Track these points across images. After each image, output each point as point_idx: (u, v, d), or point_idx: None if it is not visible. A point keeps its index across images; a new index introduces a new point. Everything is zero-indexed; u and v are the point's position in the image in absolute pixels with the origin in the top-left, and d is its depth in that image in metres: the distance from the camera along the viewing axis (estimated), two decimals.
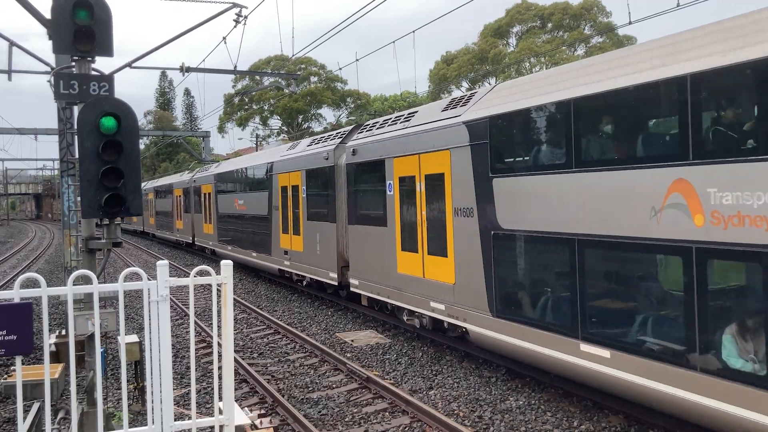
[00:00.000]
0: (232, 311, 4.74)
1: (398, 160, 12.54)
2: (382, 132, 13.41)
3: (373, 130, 13.98)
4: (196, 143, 64.13)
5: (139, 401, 9.47)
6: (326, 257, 16.30)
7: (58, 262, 30.87)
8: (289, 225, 18.79)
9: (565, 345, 8.28)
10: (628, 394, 7.59)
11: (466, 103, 10.81)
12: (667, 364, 6.89)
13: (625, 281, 7.63)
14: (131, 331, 14.09)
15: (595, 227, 7.78)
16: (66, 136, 11.03)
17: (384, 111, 49.72)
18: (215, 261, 26.87)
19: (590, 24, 47.24)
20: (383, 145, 13.13)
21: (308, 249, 17.42)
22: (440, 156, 10.97)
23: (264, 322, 15.89)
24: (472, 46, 50.60)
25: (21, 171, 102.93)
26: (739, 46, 6.22)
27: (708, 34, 6.74)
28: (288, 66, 53.10)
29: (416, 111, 12.72)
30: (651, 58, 7.22)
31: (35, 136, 43.84)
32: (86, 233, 7.21)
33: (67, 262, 11.90)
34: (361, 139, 14.40)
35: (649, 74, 7.08)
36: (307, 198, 17.44)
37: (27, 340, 4.04)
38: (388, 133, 13.07)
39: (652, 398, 7.16)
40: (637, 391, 7.31)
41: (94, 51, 6.69)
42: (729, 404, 6.21)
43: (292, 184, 18.56)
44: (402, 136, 12.46)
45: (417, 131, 11.85)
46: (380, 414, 9.11)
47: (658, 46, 7.31)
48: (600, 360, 7.73)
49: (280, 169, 19.60)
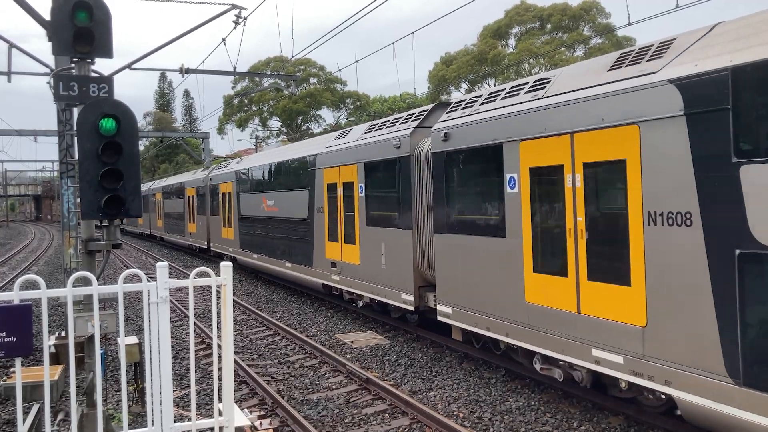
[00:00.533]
0: (231, 312, 4.74)
1: (529, 145, 9.02)
2: (493, 108, 9.89)
3: (476, 106, 10.38)
4: (195, 144, 64.21)
5: (138, 403, 9.46)
6: (396, 274, 12.76)
7: (58, 264, 30.87)
8: (339, 231, 15.32)
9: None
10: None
11: (660, 53, 7.40)
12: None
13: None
14: (131, 332, 14.09)
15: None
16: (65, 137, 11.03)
17: (384, 112, 49.72)
18: (215, 262, 26.86)
19: (589, 25, 47.29)
20: (500, 125, 9.56)
21: (367, 262, 13.87)
22: (617, 135, 7.54)
23: (264, 324, 15.88)
24: (471, 47, 50.64)
25: (20, 172, 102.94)
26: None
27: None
28: (287, 67, 53.16)
29: (547, 78, 9.27)
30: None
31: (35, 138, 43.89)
32: (86, 235, 7.21)
33: (67, 264, 11.90)
34: (455, 119, 10.72)
35: None
36: (367, 198, 13.89)
37: (27, 342, 4.04)
38: (506, 108, 9.54)
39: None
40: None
41: (93, 52, 6.69)
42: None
43: (344, 180, 15.03)
44: (535, 110, 8.86)
45: (563, 102, 8.39)
46: (380, 415, 9.10)
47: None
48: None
49: (325, 163, 16.01)
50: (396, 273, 12.76)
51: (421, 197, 12.06)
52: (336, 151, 15.52)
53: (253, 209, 22.06)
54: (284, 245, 19.14)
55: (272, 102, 62.58)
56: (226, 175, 25.90)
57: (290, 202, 18.48)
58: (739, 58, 6.20)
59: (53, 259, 35.76)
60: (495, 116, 9.66)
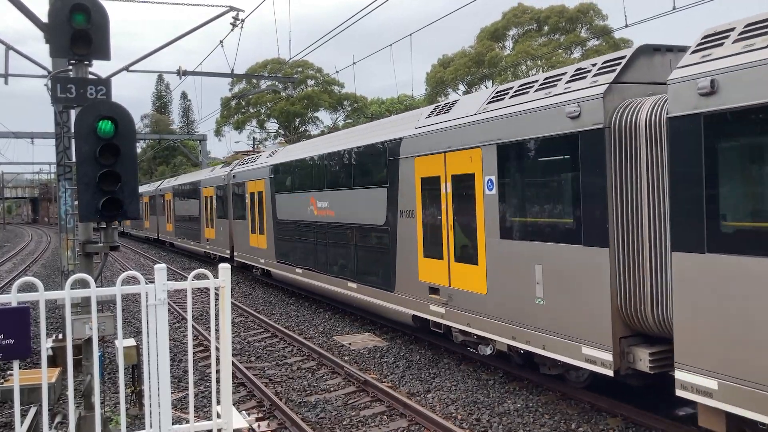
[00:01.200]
0: (230, 315, 4.74)
1: None
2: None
3: None
4: (192, 146, 64.22)
5: (136, 405, 9.45)
6: (569, 314, 8.37)
7: (55, 266, 30.81)
8: (446, 244, 10.97)
9: None
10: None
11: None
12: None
13: None
14: (129, 334, 14.06)
15: None
16: (63, 139, 11.03)
17: (381, 114, 49.77)
18: (213, 265, 26.84)
19: (586, 27, 47.39)
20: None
21: (503, 292, 9.59)
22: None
23: (261, 326, 15.87)
24: (468, 49, 50.72)
25: (17, 175, 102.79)
26: None
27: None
28: (285, 69, 53.20)
29: None
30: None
31: (32, 140, 43.91)
32: (83, 237, 7.20)
33: (64, 266, 11.88)
34: (723, 58, 6.37)
35: None
36: (503, 197, 9.61)
37: (24, 344, 4.03)
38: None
39: None
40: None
41: (91, 54, 6.70)
42: None
43: (454, 172, 10.67)
44: None
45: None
46: (378, 417, 9.10)
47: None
48: None
49: (416, 149, 11.74)
50: (569, 313, 8.36)
51: (632, 193, 7.61)
52: (437, 132, 11.12)
53: (297, 212, 17.73)
54: (345, 259, 14.89)
55: (270, 104, 62.60)
56: (255, 171, 21.38)
57: (355, 203, 14.25)
58: None
59: (50, 262, 35.69)
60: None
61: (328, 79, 59.93)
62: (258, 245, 21.13)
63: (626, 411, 8.40)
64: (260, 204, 20.87)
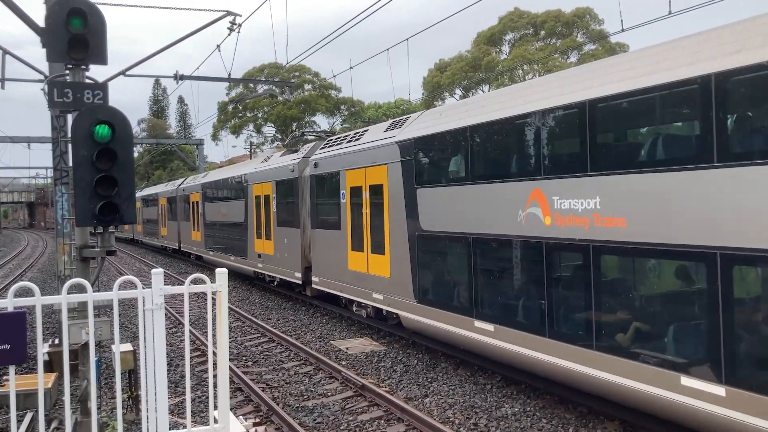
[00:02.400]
0: (227, 319, 4.73)
1: None
2: None
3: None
4: (189, 151, 64.17)
5: (133, 410, 9.42)
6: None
7: (52, 271, 30.71)
8: None
9: None
10: None
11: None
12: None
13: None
14: (125, 339, 14.02)
15: None
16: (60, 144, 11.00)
17: (378, 118, 49.78)
18: (210, 269, 26.78)
19: (583, 31, 47.53)
20: None
21: None
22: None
23: (258, 330, 15.84)
24: (465, 53, 50.82)
25: (13, 179, 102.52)
26: None
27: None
28: (282, 74, 53.23)
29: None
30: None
31: (28, 144, 43.83)
32: (80, 242, 7.19)
33: (61, 271, 11.85)
34: None
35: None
36: None
37: (20, 350, 4.02)
38: None
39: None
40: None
41: (88, 59, 6.70)
42: None
43: None
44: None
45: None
46: (376, 422, 9.08)
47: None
48: None
49: None
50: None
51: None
52: None
53: (477, 218, 10.18)
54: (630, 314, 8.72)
55: (267, 108, 62.61)
56: (365, 153, 13.93)
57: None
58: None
59: (47, 267, 35.60)
60: None
61: (325, 83, 59.95)
62: (369, 270, 13.93)
63: (624, 415, 8.39)
64: (375, 206, 13.56)
